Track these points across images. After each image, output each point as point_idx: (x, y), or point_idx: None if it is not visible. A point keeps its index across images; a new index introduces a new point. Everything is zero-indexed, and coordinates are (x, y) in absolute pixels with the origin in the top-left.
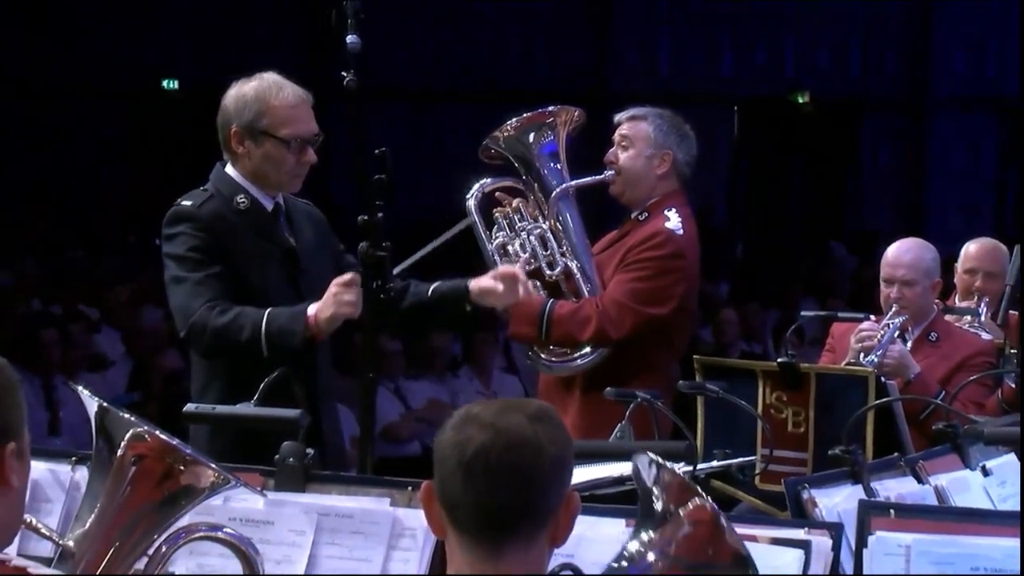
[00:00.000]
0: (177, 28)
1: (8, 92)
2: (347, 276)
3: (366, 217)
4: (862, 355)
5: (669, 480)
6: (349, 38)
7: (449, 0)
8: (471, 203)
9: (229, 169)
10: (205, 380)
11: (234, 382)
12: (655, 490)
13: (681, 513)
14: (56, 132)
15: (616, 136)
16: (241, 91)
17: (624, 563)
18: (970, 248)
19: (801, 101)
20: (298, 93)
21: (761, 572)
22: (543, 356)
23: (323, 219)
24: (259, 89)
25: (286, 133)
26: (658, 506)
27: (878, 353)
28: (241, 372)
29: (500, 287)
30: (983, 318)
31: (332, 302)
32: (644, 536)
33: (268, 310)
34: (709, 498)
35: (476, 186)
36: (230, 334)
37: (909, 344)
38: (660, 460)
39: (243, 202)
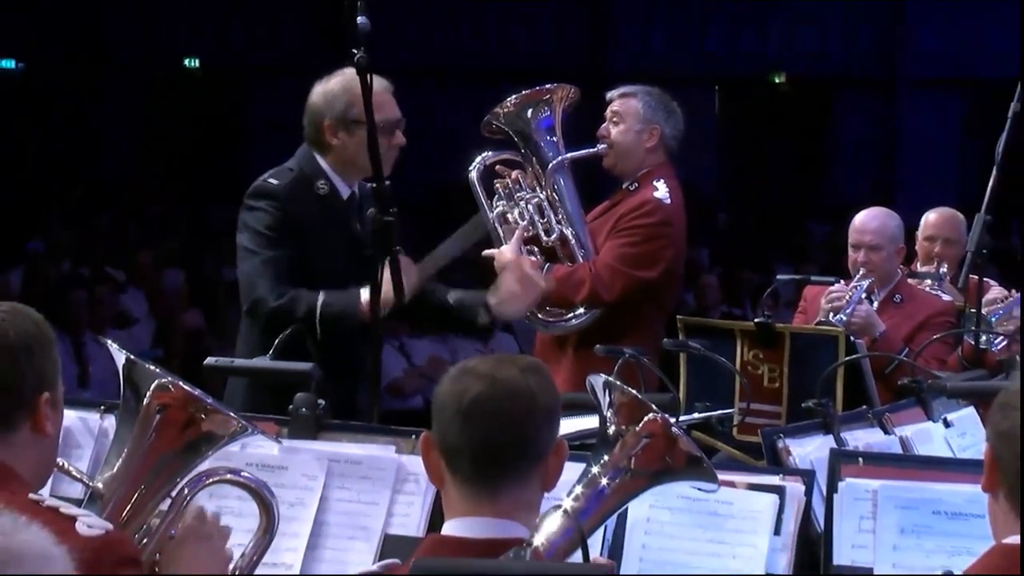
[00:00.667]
0: (198, 10)
1: (41, 73)
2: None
3: (374, 185)
4: (831, 314)
5: (621, 400)
6: (360, 19)
7: None
8: (473, 175)
9: (318, 157)
10: (254, 344)
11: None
12: (608, 413)
13: (636, 429)
14: (85, 110)
15: (608, 112)
16: (328, 87)
17: (582, 490)
18: (930, 217)
19: (778, 81)
20: (381, 82)
21: (738, 515)
22: (540, 316)
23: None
24: (345, 82)
25: (381, 119)
26: (611, 430)
27: (846, 312)
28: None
29: (518, 289)
30: (945, 282)
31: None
32: (601, 460)
33: (322, 297)
34: (658, 410)
35: (478, 159)
36: (286, 317)
37: (875, 305)
38: (612, 380)
39: (323, 187)
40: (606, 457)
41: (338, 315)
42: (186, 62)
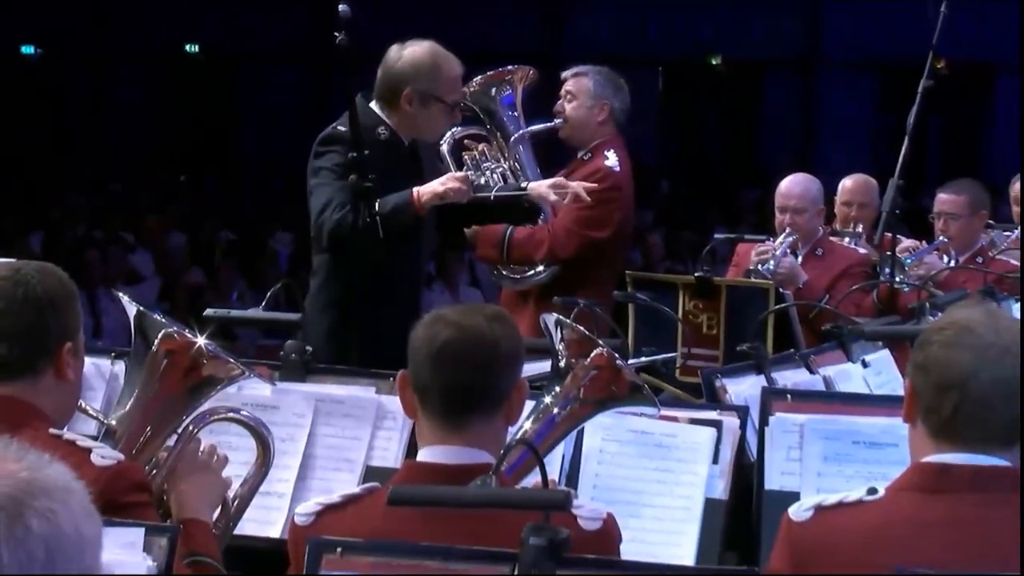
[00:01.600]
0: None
1: (57, 57)
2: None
3: (355, 155)
4: (760, 265)
5: (571, 337)
6: (341, 7)
7: None
8: (444, 147)
9: (373, 105)
10: (323, 276)
11: (348, 284)
12: (560, 348)
13: (585, 363)
14: (97, 91)
15: (563, 90)
16: (416, 56)
17: (534, 421)
18: (846, 183)
19: (714, 63)
20: (456, 64)
21: (681, 447)
22: (505, 273)
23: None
24: (435, 57)
25: (453, 99)
26: (562, 363)
27: (773, 265)
28: (356, 276)
29: (552, 196)
30: (861, 240)
31: (439, 182)
32: (554, 390)
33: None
34: (604, 344)
35: (448, 133)
36: (348, 221)
37: (800, 258)
38: (563, 318)
39: (384, 133)
40: (558, 388)
41: (395, 207)
42: (187, 47)
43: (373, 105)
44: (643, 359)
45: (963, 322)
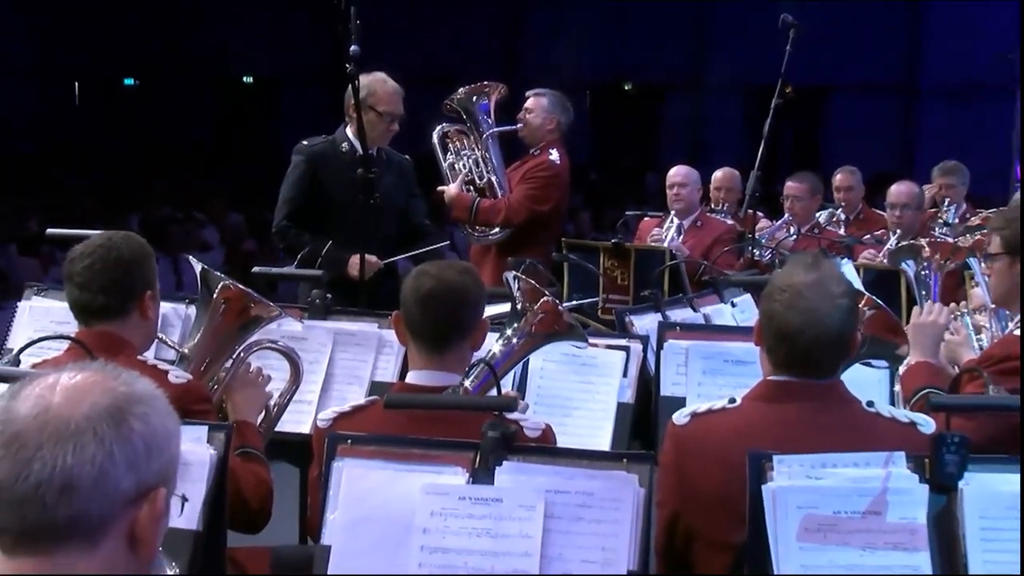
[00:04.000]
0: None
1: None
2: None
3: (362, 153)
4: (659, 235)
5: (525, 288)
6: (352, 48)
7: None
8: (435, 138)
9: (348, 129)
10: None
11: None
12: (517, 296)
13: (535, 307)
14: (177, 111)
15: (525, 105)
16: (362, 80)
17: (500, 346)
18: (717, 174)
19: (627, 87)
20: (396, 86)
21: (600, 365)
22: (472, 232)
23: (410, 168)
24: (373, 82)
25: (384, 110)
26: (519, 307)
27: (666, 243)
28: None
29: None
30: (730, 216)
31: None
32: (513, 326)
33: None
34: (550, 294)
35: (437, 128)
36: (282, 230)
37: (685, 227)
38: (520, 275)
39: (345, 146)
40: (516, 325)
41: (329, 260)
42: (244, 78)
43: (347, 129)
44: (574, 302)
45: (798, 287)
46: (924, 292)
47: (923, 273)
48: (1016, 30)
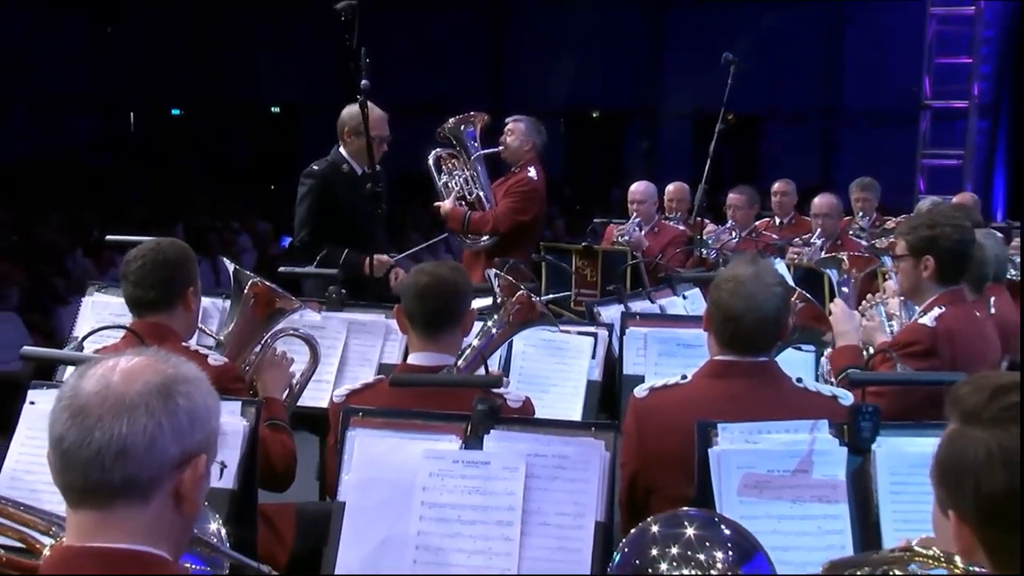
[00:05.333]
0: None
1: (192, 116)
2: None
3: (369, 170)
4: (620, 237)
5: (503, 283)
6: (363, 82)
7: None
8: (431, 161)
9: (341, 149)
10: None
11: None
12: (497, 290)
13: (511, 300)
14: (217, 138)
15: (506, 129)
16: (349, 111)
17: (484, 332)
18: (670, 188)
19: (595, 115)
20: (383, 113)
21: (572, 349)
22: (465, 239)
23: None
24: (355, 109)
25: (374, 134)
26: (499, 299)
27: (628, 237)
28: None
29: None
30: (681, 222)
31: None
32: (493, 317)
33: (345, 254)
34: (524, 287)
35: (432, 153)
36: (306, 245)
37: (644, 232)
38: (499, 272)
39: (345, 167)
40: (496, 315)
41: (348, 264)
42: (272, 108)
43: (341, 149)
44: (551, 296)
45: (741, 278)
46: (846, 290)
47: (843, 278)
48: (917, 67)
